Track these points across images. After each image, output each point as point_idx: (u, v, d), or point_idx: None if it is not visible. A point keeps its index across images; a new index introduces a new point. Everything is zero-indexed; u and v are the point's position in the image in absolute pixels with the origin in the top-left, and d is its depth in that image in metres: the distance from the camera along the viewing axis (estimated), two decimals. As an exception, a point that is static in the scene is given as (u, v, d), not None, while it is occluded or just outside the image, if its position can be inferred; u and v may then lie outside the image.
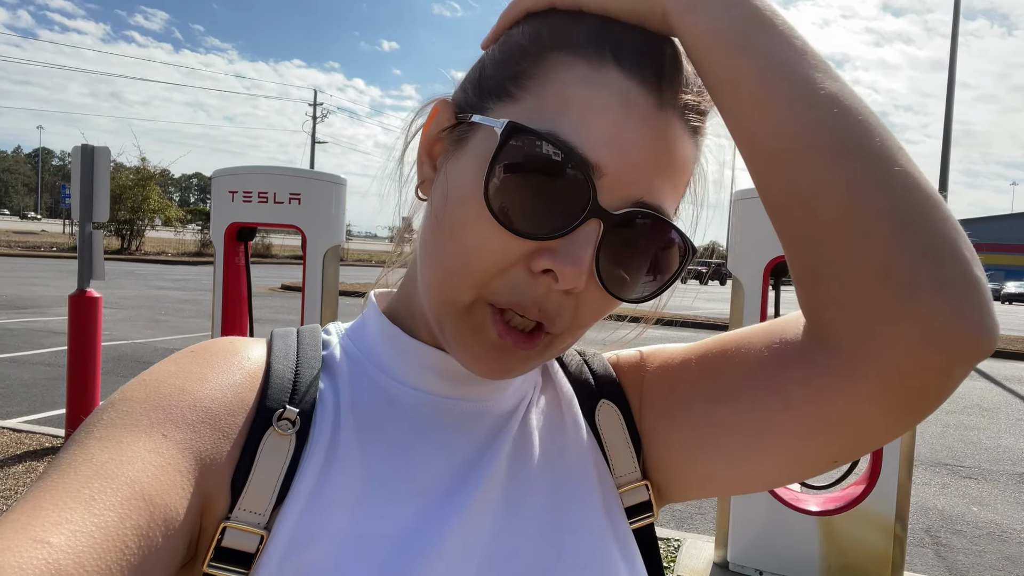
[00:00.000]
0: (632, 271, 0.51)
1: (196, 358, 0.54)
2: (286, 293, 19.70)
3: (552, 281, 0.49)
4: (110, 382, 7.33)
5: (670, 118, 0.50)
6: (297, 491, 0.50)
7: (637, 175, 0.49)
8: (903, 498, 3.56)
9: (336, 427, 0.54)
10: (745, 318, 3.74)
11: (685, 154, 0.52)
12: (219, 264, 4.65)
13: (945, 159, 18.78)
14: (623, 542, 0.58)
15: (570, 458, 0.60)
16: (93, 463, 0.45)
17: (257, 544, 0.48)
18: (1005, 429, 8.04)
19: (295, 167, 4.59)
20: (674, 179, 0.51)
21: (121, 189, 32.58)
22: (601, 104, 0.48)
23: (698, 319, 17.65)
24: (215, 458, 0.49)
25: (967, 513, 5.31)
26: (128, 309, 13.88)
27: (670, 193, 0.51)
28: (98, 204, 5.27)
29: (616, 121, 0.48)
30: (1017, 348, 15.18)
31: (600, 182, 0.48)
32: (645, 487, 0.62)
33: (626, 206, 0.49)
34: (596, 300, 0.51)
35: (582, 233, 0.48)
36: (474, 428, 0.58)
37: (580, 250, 0.48)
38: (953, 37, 18.97)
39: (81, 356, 5.26)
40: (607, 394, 0.64)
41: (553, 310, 0.50)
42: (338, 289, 4.58)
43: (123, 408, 0.49)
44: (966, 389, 10.45)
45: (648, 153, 0.49)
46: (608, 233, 0.49)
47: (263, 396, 0.52)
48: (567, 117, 0.48)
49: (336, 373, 0.58)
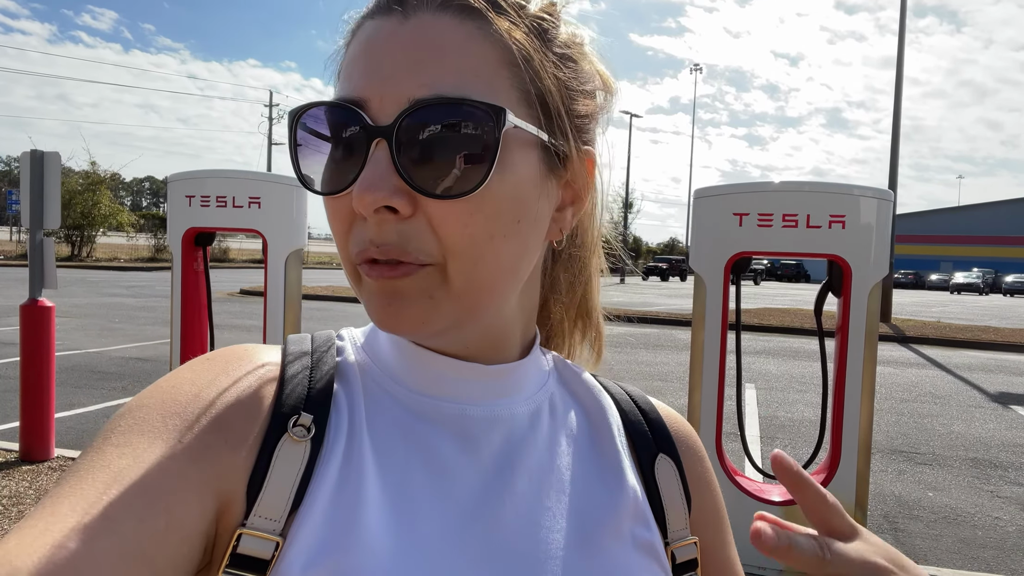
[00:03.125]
0: (445, 163, 0.49)
1: (212, 365, 0.54)
2: (246, 298, 19.39)
3: (368, 217, 0.50)
4: (64, 393, 7.13)
5: (424, 20, 0.50)
6: (313, 497, 0.50)
7: (398, 83, 0.49)
8: (862, 485, 3.66)
9: (351, 434, 0.54)
10: (707, 313, 3.80)
11: (456, 41, 0.50)
12: (177, 270, 4.56)
13: (894, 154, 19.29)
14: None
15: (606, 482, 0.60)
16: (110, 469, 0.45)
17: (272, 551, 0.48)
18: (957, 416, 8.30)
19: (254, 170, 4.52)
20: (450, 66, 0.50)
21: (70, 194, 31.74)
22: (356, 53, 0.53)
23: (660, 315, 17.87)
24: (230, 464, 0.49)
25: (923, 498, 5.47)
26: (80, 318, 13.51)
27: (454, 82, 0.49)
28: (49, 211, 5.13)
29: (365, 55, 0.52)
30: (966, 337, 15.69)
31: (370, 112, 0.50)
32: (694, 544, 0.64)
33: (399, 113, 0.49)
34: (440, 210, 0.50)
35: (371, 158, 0.49)
36: (488, 435, 0.57)
37: (369, 173, 0.49)
38: (900, 35, 19.49)
39: (34, 367, 5.11)
40: (663, 448, 0.65)
41: (395, 241, 0.50)
42: (301, 293, 4.53)
43: (140, 415, 0.49)
44: (919, 377, 10.78)
45: (401, 61, 0.50)
46: (402, 144, 0.49)
47: (278, 402, 0.53)
48: (340, 84, 0.54)
49: (350, 380, 0.58)
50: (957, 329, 17.17)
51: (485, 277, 0.52)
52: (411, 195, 0.49)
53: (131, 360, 9.45)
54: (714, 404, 3.82)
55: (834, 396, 3.72)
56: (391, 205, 0.49)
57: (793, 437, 7.00)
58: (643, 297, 27.03)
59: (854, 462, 3.64)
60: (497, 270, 0.53)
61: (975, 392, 9.87)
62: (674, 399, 8.25)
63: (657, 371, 10.32)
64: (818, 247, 3.62)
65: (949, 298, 40.34)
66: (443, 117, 0.49)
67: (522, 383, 0.61)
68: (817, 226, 3.58)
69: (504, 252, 0.52)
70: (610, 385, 0.69)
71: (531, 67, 0.53)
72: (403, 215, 0.49)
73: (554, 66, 0.55)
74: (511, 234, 0.52)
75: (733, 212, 3.69)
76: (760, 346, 13.55)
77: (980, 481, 5.93)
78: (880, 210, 3.58)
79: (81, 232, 34.67)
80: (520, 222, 0.53)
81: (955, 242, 69.48)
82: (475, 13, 0.51)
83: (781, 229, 3.63)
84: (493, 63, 0.51)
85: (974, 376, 11.24)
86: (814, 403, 8.30)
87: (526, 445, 0.58)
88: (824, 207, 3.57)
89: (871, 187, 3.65)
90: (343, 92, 0.52)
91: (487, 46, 0.51)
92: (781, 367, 11.24)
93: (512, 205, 0.52)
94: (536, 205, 0.54)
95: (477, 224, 0.50)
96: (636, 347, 12.66)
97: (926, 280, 57.75)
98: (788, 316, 18.42)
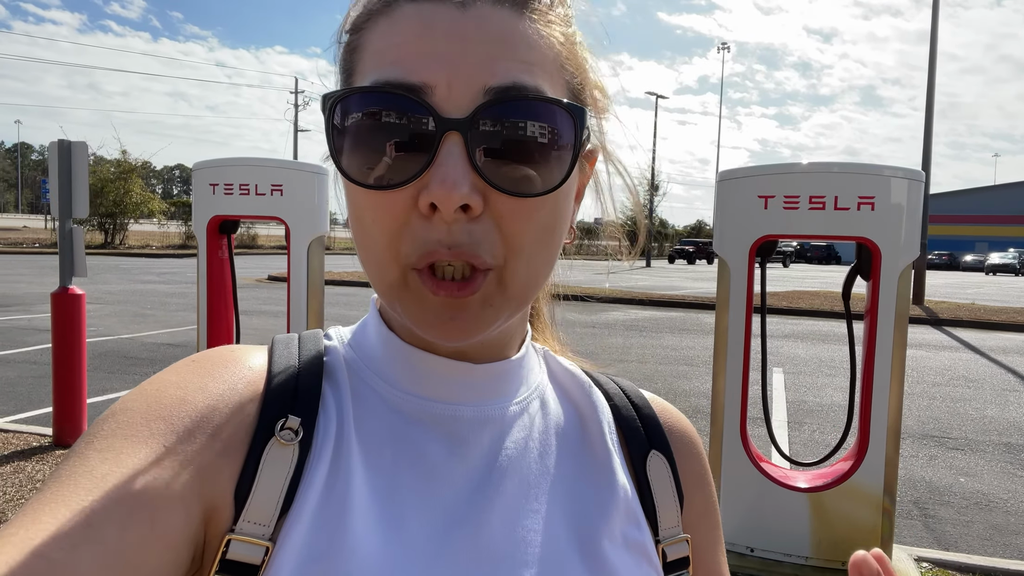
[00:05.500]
0: (523, 160, 0.48)
1: (197, 368, 0.53)
2: (273, 284, 19.61)
3: (443, 215, 0.47)
4: (96, 379, 7.29)
5: (484, 11, 0.49)
6: (302, 501, 0.49)
7: (468, 72, 0.47)
8: (891, 471, 3.60)
9: (340, 436, 0.53)
10: (732, 297, 3.75)
11: (520, 34, 0.49)
12: (202, 257, 4.61)
13: (928, 133, 18.85)
14: None
15: (597, 482, 0.60)
16: (93, 475, 0.44)
17: (263, 556, 0.48)
18: (990, 400, 8.14)
19: (276, 158, 4.54)
20: (518, 58, 0.49)
21: (102, 183, 32.32)
22: (402, 37, 0.48)
23: (686, 299, 17.75)
24: (217, 469, 0.48)
25: (954, 484, 5.38)
26: (114, 304, 13.77)
27: (523, 72, 0.49)
28: (77, 200, 5.21)
29: (421, 39, 0.48)
30: (1001, 319, 15.35)
31: (435, 100, 0.47)
32: (686, 542, 0.62)
33: (474, 105, 0.47)
34: (509, 208, 0.48)
35: (444, 152, 0.46)
36: (478, 436, 0.56)
37: (446, 168, 0.46)
38: (935, 7, 18.98)
39: (66, 354, 5.22)
40: (656, 444, 0.64)
41: (467, 243, 0.47)
42: (323, 279, 4.55)
43: (123, 419, 0.48)
44: (952, 361, 10.58)
45: (469, 50, 0.47)
46: (474, 138, 0.47)
47: (264, 405, 0.52)
48: (382, 67, 0.49)
49: (338, 380, 0.56)
50: (992, 311, 16.80)
51: (535, 275, 0.52)
52: (484, 192, 0.47)
53: (162, 346, 9.63)
54: (738, 389, 3.78)
55: (863, 381, 3.65)
56: (468, 203, 0.46)
57: (821, 422, 6.92)
58: (669, 280, 26.86)
59: (883, 447, 3.58)
60: (544, 267, 0.53)
61: (1010, 376, 9.66)
62: (700, 383, 8.20)
63: (683, 355, 10.25)
64: (846, 230, 3.53)
65: (984, 279, 39.50)
66: (523, 112, 0.48)
67: (514, 382, 0.60)
68: (845, 208, 3.50)
69: (552, 249, 0.53)
70: (602, 380, 0.68)
71: (573, 66, 0.53)
72: (474, 214, 0.47)
73: (586, 65, 0.56)
74: (560, 229, 0.53)
75: (758, 195, 3.62)
76: (789, 329, 13.40)
77: (1014, 467, 5.81)
78: (911, 191, 3.49)
79: (114, 220, 35.29)
80: (565, 219, 0.54)
81: (990, 222, 67.93)
82: (530, 7, 0.51)
83: (808, 211, 3.55)
84: (551, 60, 0.51)
85: (1009, 359, 11.01)
86: (843, 387, 8.19)
87: (516, 447, 0.57)
88: (853, 188, 3.48)
89: (902, 167, 3.55)
90: (393, 76, 0.48)
91: (544, 43, 0.51)
92: (810, 351, 11.11)
93: (564, 201, 0.53)
94: (571, 200, 0.56)
95: (540, 221, 0.50)
96: (661, 331, 12.60)
97: (960, 261, 56.59)
98: (817, 299, 18.17)
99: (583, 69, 0.55)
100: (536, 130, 0.48)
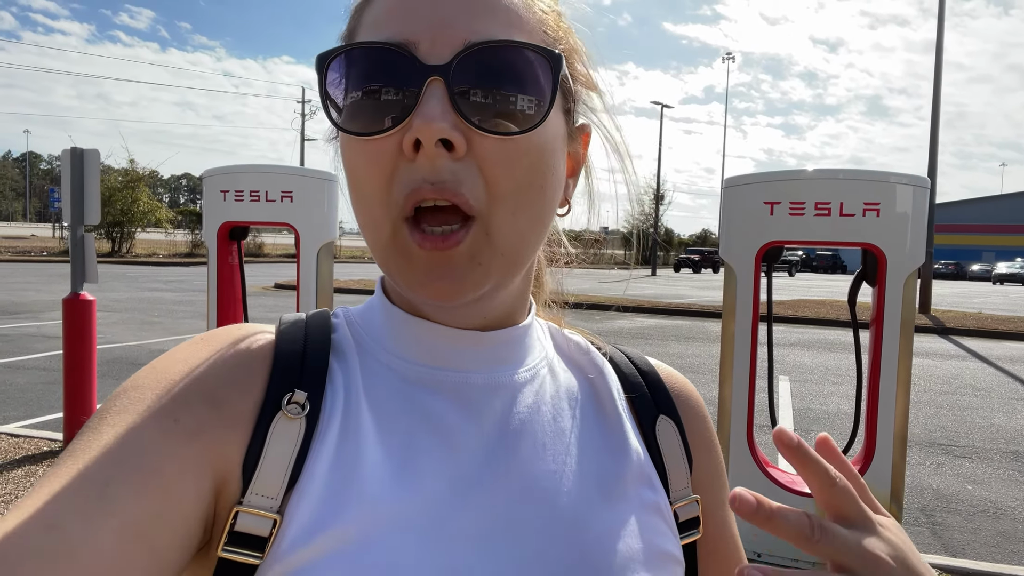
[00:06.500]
0: (502, 103, 0.50)
1: (206, 345, 0.54)
2: (280, 292, 19.66)
3: (425, 150, 0.49)
4: (106, 385, 7.32)
5: None
6: (310, 474, 0.50)
7: (450, 28, 0.50)
8: (898, 478, 3.60)
9: (348, 409, 0.54)
10: (738, 304, 3.77)
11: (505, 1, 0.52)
12: (212, 264, 4.65)
13: (934, 141, 18.83)
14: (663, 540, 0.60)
15: (609, 445, 0.61)
16: (106, 450, 0.45)
17: (270, 528, 0.48)
18: (998, 408, 8.11)
19: (286, 164, 4.58)
20: (500, 20, 0.51)
21: (110, 191, 32.42)
22: (392, 3, 0.52)
23: (692, 307, 17.72)
24: (226, 443, 0.49)
25: (962, 492, 5.36)
26: (121, 312, 13.83)
27: (504, 31, 0.51)
28: (89, 207, 5.26)
29: (407, 4, 0.51)
30: (1008, 328, 15.28)
31: (420, 52, 0.49)
32: (696, 502, 0.64)
33: (456, 53, 0.49)
34: (491, 151, 0.50)
35: (426, 94, 0.49)
36: (490, 402, 0.57)
37: (428, 107, 0.48)
38: (940, 17, 18.99)
39: (77, 359, 5.26)
40: (664, 409, 0.65)
41: (450, 180, 0.49)
42: (332, 286, 4.58)
43: (135, 395, 0.49)
44: (958, 369, 10.54)
45: (451, 9, 0.50)
46: (455, 80, 0.49)
47: (271, 380, 0.53)
48: (373, 34, 0.52)
49: (346, 355, 0.57)
50: (999, 320, 16.73)
51: (523, 229, 0.53)
52: (466, 133, 0.49)
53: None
54: (745, 396, 3.79)
55: (868, 388, 3.66)
56: (449, 138, 0.48)
57: (828, 429, 6.90)
58: (675, 289, 26.80)
59: (889, 454, 3.58)
60: (533, 225, 0.54)
61: (1017, 385, 9.62)
62: (706, 391, 8.18)
63: (689, 363, 10.24)
64: (851, 235, 3.55)
65: (991, 289, 39.29)
66: (501, 59, 0.50)
67: (521, 350, 0.61)
68: (851, 214, 3.52)
69: (539, 203, 0.54)
70: (607, 348, 0.69)
71: (557, 34, 0.56)
72: (457, 153, 0.49)
73: (570, 38, 0.58)
74: (546, 186, 0.54)
75: (764, 201, 3.65)
76: (795, 338, 13.37)
77: (1022, 475, 5.79)
78: (916, 197, 3.51)
79: (121, 228, 35.38)
80: (551, 176, 0.55)
81: (997, 231, 67.63)
82: None
83: (814, 217, 3.58)
84: (533, 23, 0.53)
85: (1017, 368, 10.95)
86: (849, 395, 8.16)
87: (528, 411, 0.59)
88: (858, 195, 3.51)
89: (907, 174, 3.58)
90: (382, 36, 0.51)
91: (525, 9, 0.53)
92: (816, 359, 11.08)
93: (549, 157, 0.54)
94: (561, 163, 0.57)
95: (522, 168, 0.51)
96: (667, 339, 12.57)
97: (967, 271, 56.27)
98: (823, 307, 18.12)
99: (568, 40, 0.57)
100: (514, 74, 0.51)
